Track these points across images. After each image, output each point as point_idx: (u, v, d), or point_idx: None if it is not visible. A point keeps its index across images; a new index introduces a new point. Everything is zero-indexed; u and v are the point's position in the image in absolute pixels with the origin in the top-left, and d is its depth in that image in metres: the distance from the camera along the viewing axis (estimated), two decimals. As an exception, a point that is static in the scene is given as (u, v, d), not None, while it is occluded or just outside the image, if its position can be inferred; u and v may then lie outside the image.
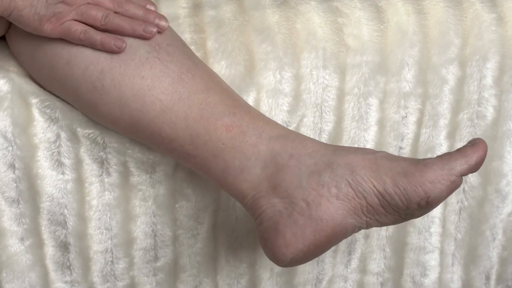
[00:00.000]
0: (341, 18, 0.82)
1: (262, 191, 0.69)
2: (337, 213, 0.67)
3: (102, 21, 0.70)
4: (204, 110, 0.70)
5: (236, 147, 0.69)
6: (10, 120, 0.74)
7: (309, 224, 0.67)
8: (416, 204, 0.66)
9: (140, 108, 0.70)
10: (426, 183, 0.65)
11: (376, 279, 0.91)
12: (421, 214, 0.68)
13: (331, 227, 0.67)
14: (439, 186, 0.65)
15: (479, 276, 0.94)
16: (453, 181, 0.66)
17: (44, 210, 0.78)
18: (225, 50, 0.79)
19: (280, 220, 0.68)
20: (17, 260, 0.78)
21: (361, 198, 0.67)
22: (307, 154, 0.69)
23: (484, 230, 0.92)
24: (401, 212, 0.67)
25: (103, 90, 0.70)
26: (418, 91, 0.84)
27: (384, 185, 0.66)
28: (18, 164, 0.75)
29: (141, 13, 0.72)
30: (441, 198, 0.66)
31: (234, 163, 0.69)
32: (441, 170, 0.65)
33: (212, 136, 0.70)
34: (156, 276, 0.84)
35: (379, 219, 0.68)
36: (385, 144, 0.85)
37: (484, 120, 0.87)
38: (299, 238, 0.67)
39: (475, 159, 0.66)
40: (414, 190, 0.65)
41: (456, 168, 0.65)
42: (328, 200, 0.67)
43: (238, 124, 0.70)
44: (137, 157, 0.78)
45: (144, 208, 0.80)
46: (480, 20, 0.84)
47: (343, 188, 0.67)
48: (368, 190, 0.67)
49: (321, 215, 0.67)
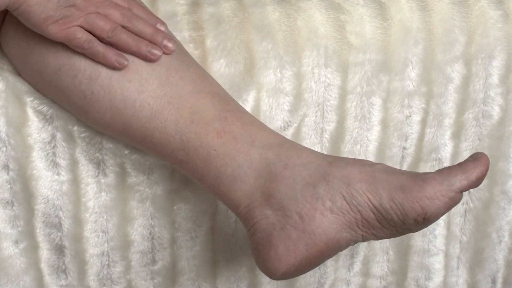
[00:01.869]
0: (343, 15, 0.82)
1: (256, 201, 0.68)
2: (331, 227, 0.66)
3: (109, 33, 0.69)
4: (194, 114, 0.70)
5: (228, 154, 0.69)
6: (4, 119, 0.74)
7: (302, 238, 0.66)
8: (413, 220, 0.65)
9: (131, 114, 0.70)
10: (424, 199, 0.64)
11: (380, 283, 0.91)
12: (418, 229, 0.68)
13: (325, 241, 0.67)
14: (437, 203, 0.64)
15: (485, 280, 0.94)
16: (451, 197, 0.65)
17: (39, 212, 0.78)
18: (225, 48, 0.79)
19: (273, 233, 0.67)
20: (11, 263, 0.78)
21: (355, 212, 0.66)
22: (302, 165, 0.68)
23: (490, 233, 0.92)
24: (398, 227, 0.67)
25: (93, 98, 0.70)
26: (422, 90, 0.84)
27: (380, 199, 0.66)
28: (12, 165, 0.75)
29: (150, 32, 0.71)
30: (439, 215, 0.65)
31: (226, 171, 0.69)
32: (440, 186, 0.65)
33: (203, 141, 0.69)
34: (153, 280, 0.84)
35: (375, 233, 0.68)
36: (388, 144, 0.85)
37: (490, 120, 0.87)
38: (291, 252, 0.67)
39: (475, 174, 0.65)
40: (411, 206, 0.65)
41: (455, 184, 0.65)
42: (322, 214, 0.66)
43: (230, 130, 0.69)
44: (134, 158, 0.78)
45: (141, 210, 0.80)
46: (486, 17, 0.85)
47: (338, 202, 0.66)
48: (363, 204, 0.66)
49: (315, 229, 0.66)
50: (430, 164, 0.87)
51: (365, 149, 0.83)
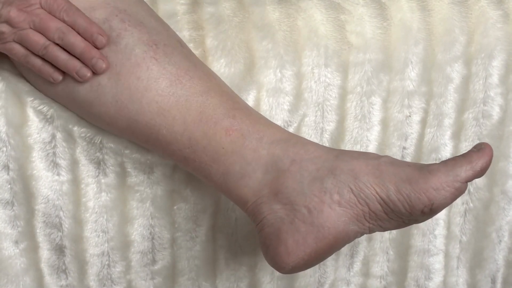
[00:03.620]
0: (344, 15, 0.82)
1: (264, 196, 0.69)
2: (339, 220, 0.67)
3: (41, 51, 0.70)
4: (202, 113, 0.70)
5: (236, 151, 0.69)
6: (4, 119, 0.74)
7: (311, 231, 0.67)
8: (420, 211, 0.66)
9: (137, 109, 0.70)
10: (430, 190, 0.65)
11: (379, 283, 0.91)
12: (424, 219, 0.68)
13: (333, 234, 0.67)
14: (443, 193, 0.65)
15: (485, 280, 0.94)
16: (457, 187, 0.66)
17: (39, 212, 0.78)
18: (225, 47, 0.79)
19: (282, 227, 0.68)
20: (11, 263, 0.78)
21: (363, 205, 0.67)
22: (309, 160, 0.69)
23: (490, 233, 0.92)
24: (404, 218, 0.68)
25: (99, 90, 0.70)
26: (422, 89, 0.84)
27: (387, 191, 0.66)
28: (12, 165, 0.75)
29: (79, 51, 0.69)
30: (445, 205, 0.66)
31: (234, 168, 0.69)
32: (445, 177, 0.65)
33: (211, 140, 0.70)
34: (153, 279, 0.84)
35: (382, 224, 0.68)
36: (388, 144, 0.85)
37: (490, 120, 0.87)
38: (300, 245, 0.67)
39: (480, 164, 0.66)
40: (417, 197, 0.66)
41: (461, 174, 0.66)
42: (330, 207, 0.67)
43: (238, 128, 0.70)
44: (135, 158, 0.78)
45: (141, 210, 0.80)
46: (485, 17, 0.85)
47: (346, 195, 0.67)
48: (370, 197, 0.67)
49: (323, 222, 0.67)
50: (430, 164, 0.87)
51: (365, 148, 0.84)
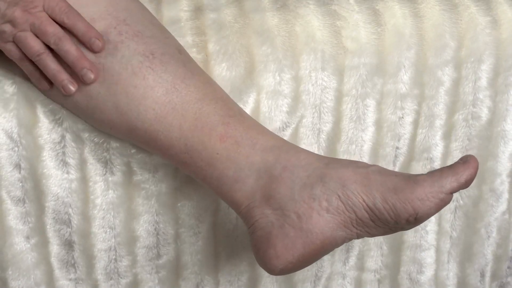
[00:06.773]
0: (339, 21, 0.82)
1: (256, 201, 0.69)
2: (327, 227, 0.67)
3: (35, 57, 0.69)
4: (198, 120, 0.70)
5: (230, 157, 0.69)
6: (16, 121, 0.74)
7: (299, 236, 0.67)
8: (405, 220, 0.66)
9: (136, 116, 0.70)
10: (415, 200, 0.65)
11: (374, 276, 0.91)
12: (410, 227, 0.68)
13: (321, 240, 0.67)
14: (428, 204, 0.65)
15: (474, 273, 0.94)
16: (442, 198, 0.65)
17: (49, 209, 0.78)
18: (226, 52, 0.79)
19: (272, 231, 0.68)
20: (23, 258, 0.79)
21: (350, 212, 0.67)
22: (300, 166, 0.69)
23: (479, 228, 0.92)
24: (391, 225, 0.67)
25: (99, 98, 0.70)
26: (414, 92, 0.84)
27: (374, 200, 0.66)
28: (23, 164, 0.76)
29: (71, 59, 0.68)
30: (429, 215, 0.66)
31: (228, 173, 0.69)
32: (430, 188, 0.65)
33: (207, 146, 0.70)
34: (158, 273, 0.83)
35: (369, 231, 0.68)
36: (382, 144, 0.85)
37: (479, 121, 0.87)
38: (289, 249, 0.67)
39: (465, 177, 0.66)
40: (403, 206, 0.65)
41: (446, 186, 0.65)
42: (319, 214, 0.67)
43: (232, 135, 0.70)
44: (140, 158, 0.78)
45: (147, 206, 0.80)
46: (475, 23, 0.84)
47: (334, 202, 0.67)
48: (358, 205, 0.67)
49: (312, 228, 0.67)
50: (422, 163, 0.86)
51: (360, 148, 0.83)
